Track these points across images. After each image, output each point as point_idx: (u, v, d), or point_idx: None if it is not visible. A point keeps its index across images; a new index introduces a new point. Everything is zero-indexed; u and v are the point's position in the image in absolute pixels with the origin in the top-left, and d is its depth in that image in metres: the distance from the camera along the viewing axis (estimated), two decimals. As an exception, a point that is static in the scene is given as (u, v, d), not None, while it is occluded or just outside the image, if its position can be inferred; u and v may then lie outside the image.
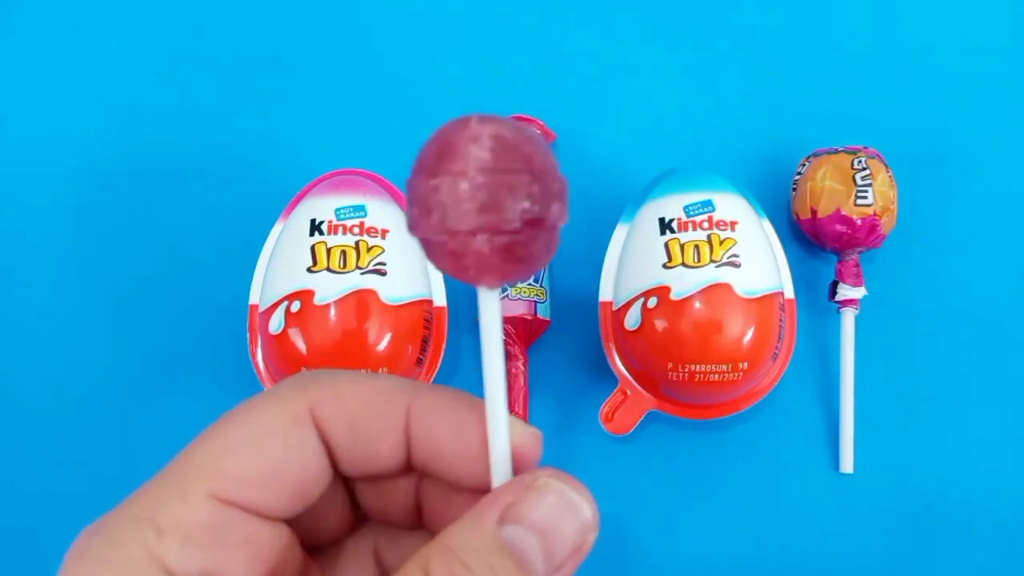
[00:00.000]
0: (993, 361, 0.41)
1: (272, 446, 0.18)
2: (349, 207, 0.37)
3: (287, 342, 0.35)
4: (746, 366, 0.36)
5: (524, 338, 0.39)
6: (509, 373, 0.38)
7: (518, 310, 0.39)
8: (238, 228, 0.42)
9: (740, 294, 0.36)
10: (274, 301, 0.36)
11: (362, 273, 0.36)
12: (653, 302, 0.36)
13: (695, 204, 0.38)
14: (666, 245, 0.37)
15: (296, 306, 0.35)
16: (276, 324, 0.36)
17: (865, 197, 0.38)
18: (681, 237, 0.37)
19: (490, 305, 0.18)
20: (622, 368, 0.38)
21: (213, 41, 0.46)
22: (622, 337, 0.38)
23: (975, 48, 0.46)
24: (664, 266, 0.37)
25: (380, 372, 0.36)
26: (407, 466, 0.20)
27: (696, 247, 0.37)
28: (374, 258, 0.36)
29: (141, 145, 0.44)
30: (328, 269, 0.36)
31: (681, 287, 0.36)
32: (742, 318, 0.36)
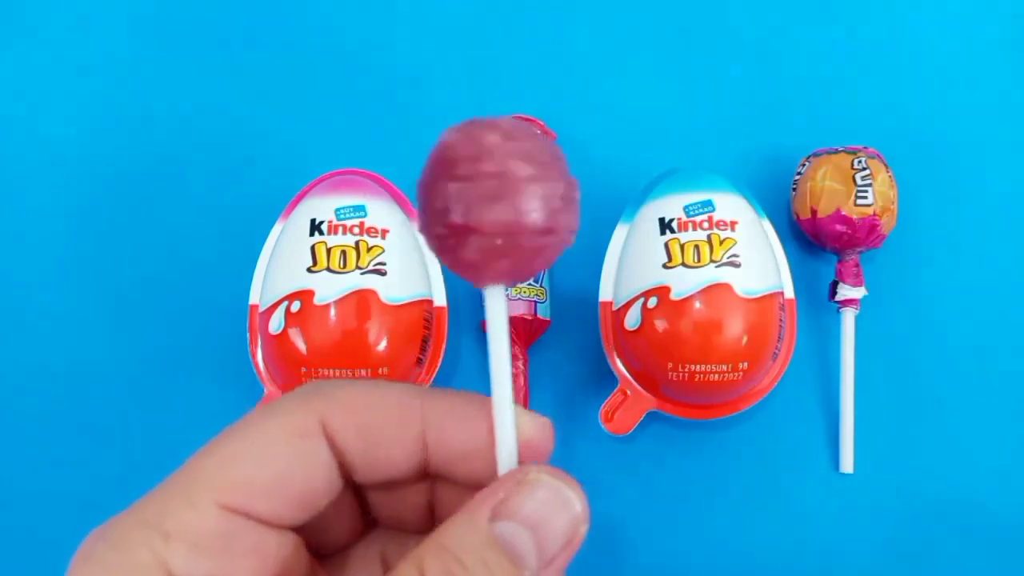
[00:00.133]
0: (993, 361, 0.41)
1: (279, 456, 0.18)
2: (349, 207, 0.37)
3: (287, 342, 0.35)
4: (746, 366, 0.36)
5: (524, 338, 0.39)
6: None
7: (518, 310, 0.39)
8: (238, 228, 0.41)
9: (740, 294, 0.36)
10: (274, 301, 0.36)
11: (362, 273, 0.36)
12: (653, 302, 0.36)
13: (695, 204, 0.38)
14: (666, 245, 0.37)
15: (296, 306, 0.35)
16: (276, 324, 0.36)
17: (865, 197, 0.38)
18: (681, 237, 0.37)
19: (497, 303, 0.19)
20: (622, 368, 0.38)
21: (213, 41, 0.46)
22: (622, 337, 0.38)
23: (975, 48, 0.46)
24: (664, 266, 0.37)
25: (387, 380, 0.36)
26: (422, 471, 0.20)
27: (696, 247, 0.37)
28: (374, 258, 0.36)
29: (141, 145, 0.44)
30: (328, 269, 0.36)
31: (681, 287, 0.36)
32: (742, 318, 0.36)
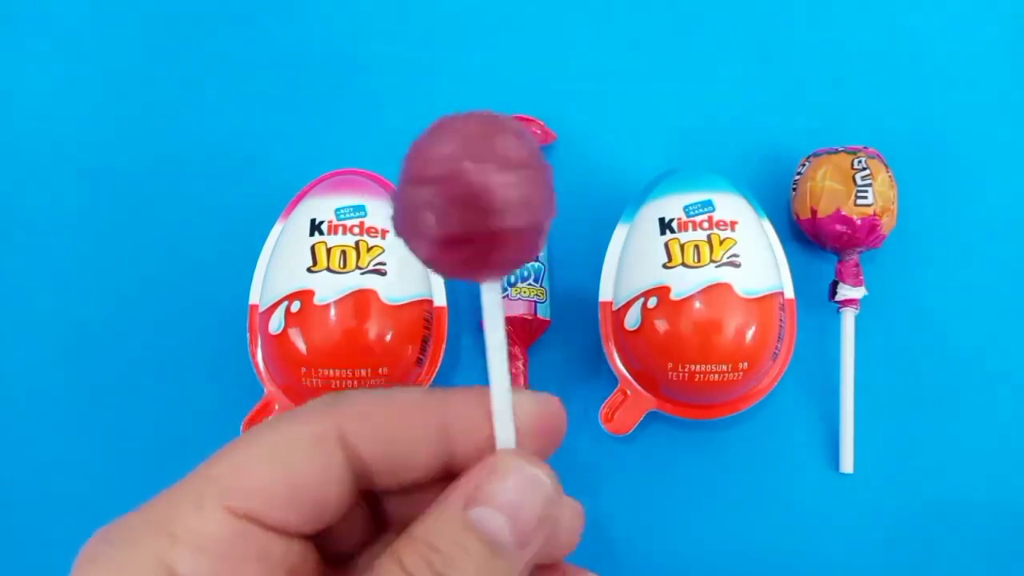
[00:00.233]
0: (993, 361, 0.41)
1: (291, 464, 0.18)
2: (349, 207, 0.37)
3: (287, 342, 0.35)
4: (746, 366, 0.36)
5: (524, 338, 0.39)
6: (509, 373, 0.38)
7: (518, 310, 0.39)
8: (238, 228, 0.41)
9: (740, 294, 0.36)
10: (274, 301, 0.36)
11: (362, 273, 0.36)
12: (653, 302, 0.36)
13: (695, 204, 0.38)
14: (666, 245, 0.37)
15: (296, 306, 0.35)
16: (276, 324, 0.36)
17: (865, 197, 0.38)
18: (681, 237, 0.37)
19: (493, 298, 0.19)
20: (622, 368, 0.38)
21: (213, 41, 0.46)
22: (622, 337, 0.38)
23: (975, 48, 0.46)
24: (664, 266, 0.37)
25: (403, 385, 0.36)
26: (443, 471, 0.20)
27: (696, 247, 0.37)
28: (374, 258, 0.36)
29: (141, 145, 0.44)
30: (328, 269, 0.36)
31: (681, 287, 0.36)
32: (742, 318, 0.36)
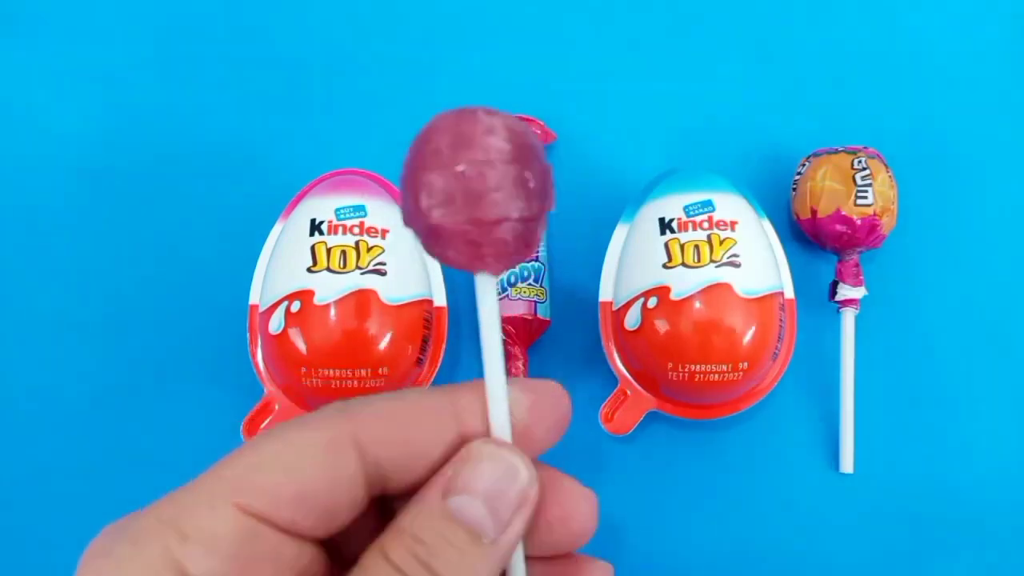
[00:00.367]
0: (993, 361, 0.41)
1: (305, 466, 0.18)
2: (349, 207, 0.37)
3: (287, 342, 0.35)
4: (746, 366, 0.36)
5: (524, 338, 0.39)
6: (509, 373, 0.38)
7: (518, 310, 0.39)
8: (238, 228, 0.41)
9: (740, 294, 0.36)
10: (274, 301, 0.36)
11: (362, 273, 0.36)
12: (653, 302, 0.36)
13: (695, 204, 0.38)
14: (666, 245, 0.37)
15: (296, 306, 0.35)
16: (276, 324, 0.36)
17: (865, 197, 0.38)
18: (681, 237, 0.37)
19: (489, 291, 0.19)
20: (622, 368, 0.38)
21: (214, 41, 0.46)
22: (622, 337, 0.38)
23: (975, 48, 0.46)
24: (664, 266, 0.37)
25: (415, 387, 0.36)
26: None
27: (696, 247, 0.37)
28: (374, 258, 0.36)
29: (141, 145, 0.44)
30: (328, 269, 0.36)
31: (681, 287, 0.36)
32: (742, 318, 0.36)
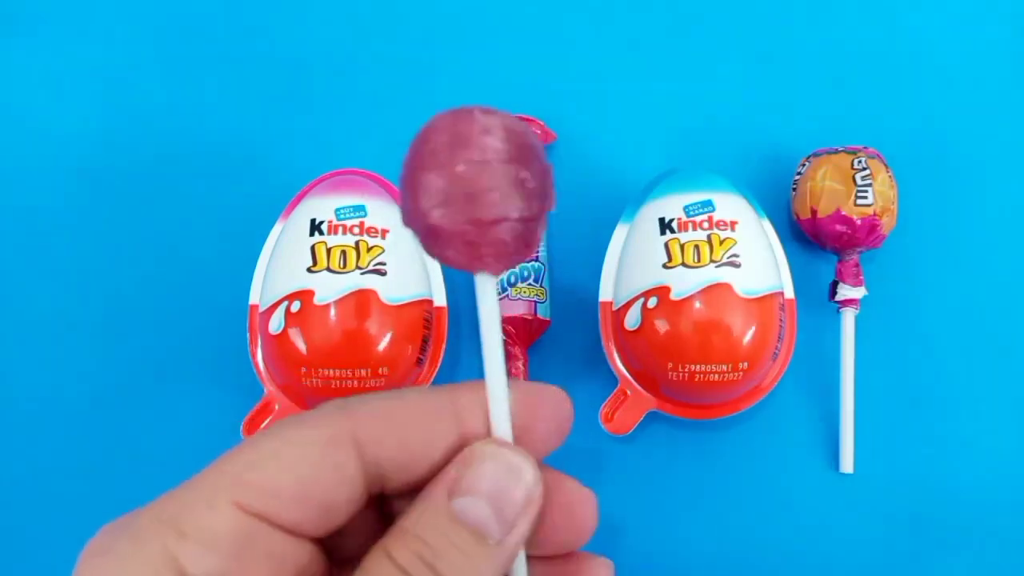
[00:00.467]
0: (993, 361, 0.41)
1: (304, 464, 0.18)
2: (349, 207, 0.37)
3: (287, 342, 0.35)
4: (746, 366, 0.36)
5: (524, 338, 0.39)
6: (509, 373, 0.38)
7: (518, 310, 0.39)
8: (238, 228, 0.41)
9: (740, 294, 0.36)
10: (274, 301, 0.36)
11: (362, 273, 0.36)
12: (653, 302, 0.36)
13: (695, 204, 0.38)
14: (666, 245, 0.37)
15: (296, 306, 0.35)
16: (276, 324, 0.36)
17: (865, 197, 0.38)
18: (681, 237, 0.37)
19: (489, 291, 0.19)
20: (622, 368, 0.38)
21: (214, 41, 0.46)
22: (622, 337, 0.38)
23: (975, 48, 0.46)
24: (664, 266, 0.37)
25: (415, 387, 0.36)
26: None
27: (696, 247, 0.37)
28: (374, 258, 0.36)
29: (141, 145, 0.44)
30: (328, 269, 0.36)
31: (681, 287, 0.36)
32: (742, 318, 0.36)
